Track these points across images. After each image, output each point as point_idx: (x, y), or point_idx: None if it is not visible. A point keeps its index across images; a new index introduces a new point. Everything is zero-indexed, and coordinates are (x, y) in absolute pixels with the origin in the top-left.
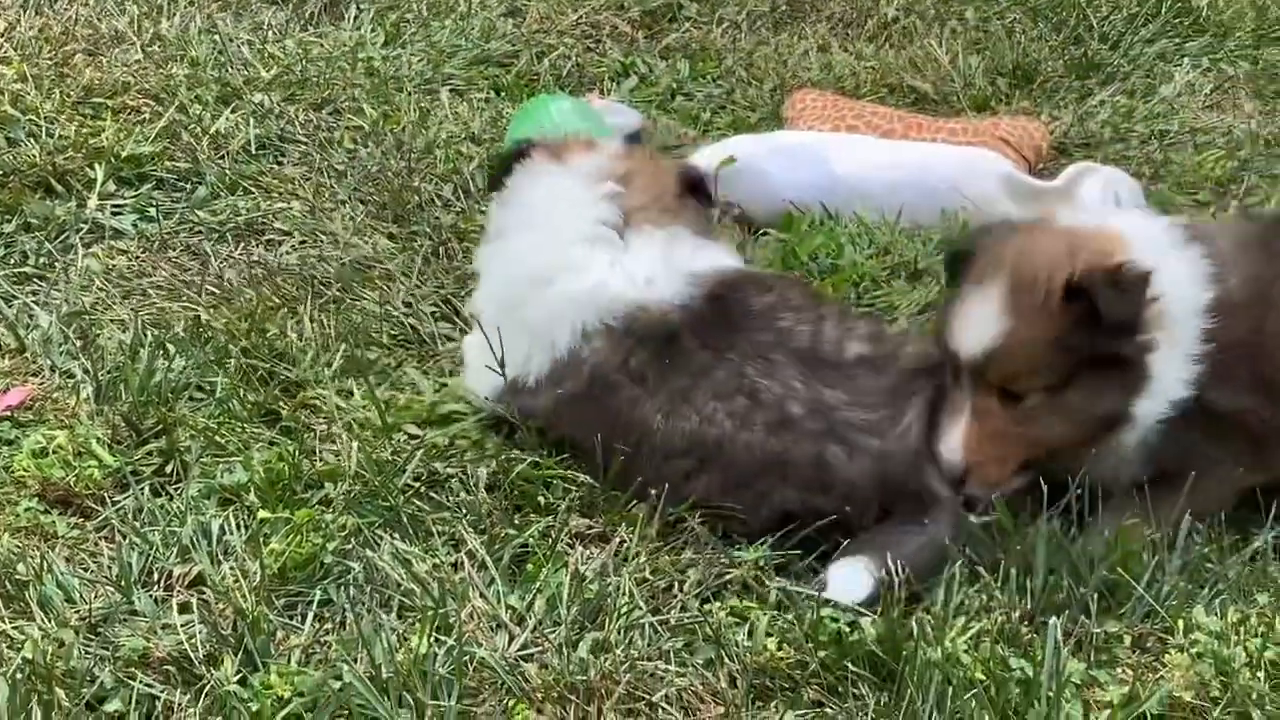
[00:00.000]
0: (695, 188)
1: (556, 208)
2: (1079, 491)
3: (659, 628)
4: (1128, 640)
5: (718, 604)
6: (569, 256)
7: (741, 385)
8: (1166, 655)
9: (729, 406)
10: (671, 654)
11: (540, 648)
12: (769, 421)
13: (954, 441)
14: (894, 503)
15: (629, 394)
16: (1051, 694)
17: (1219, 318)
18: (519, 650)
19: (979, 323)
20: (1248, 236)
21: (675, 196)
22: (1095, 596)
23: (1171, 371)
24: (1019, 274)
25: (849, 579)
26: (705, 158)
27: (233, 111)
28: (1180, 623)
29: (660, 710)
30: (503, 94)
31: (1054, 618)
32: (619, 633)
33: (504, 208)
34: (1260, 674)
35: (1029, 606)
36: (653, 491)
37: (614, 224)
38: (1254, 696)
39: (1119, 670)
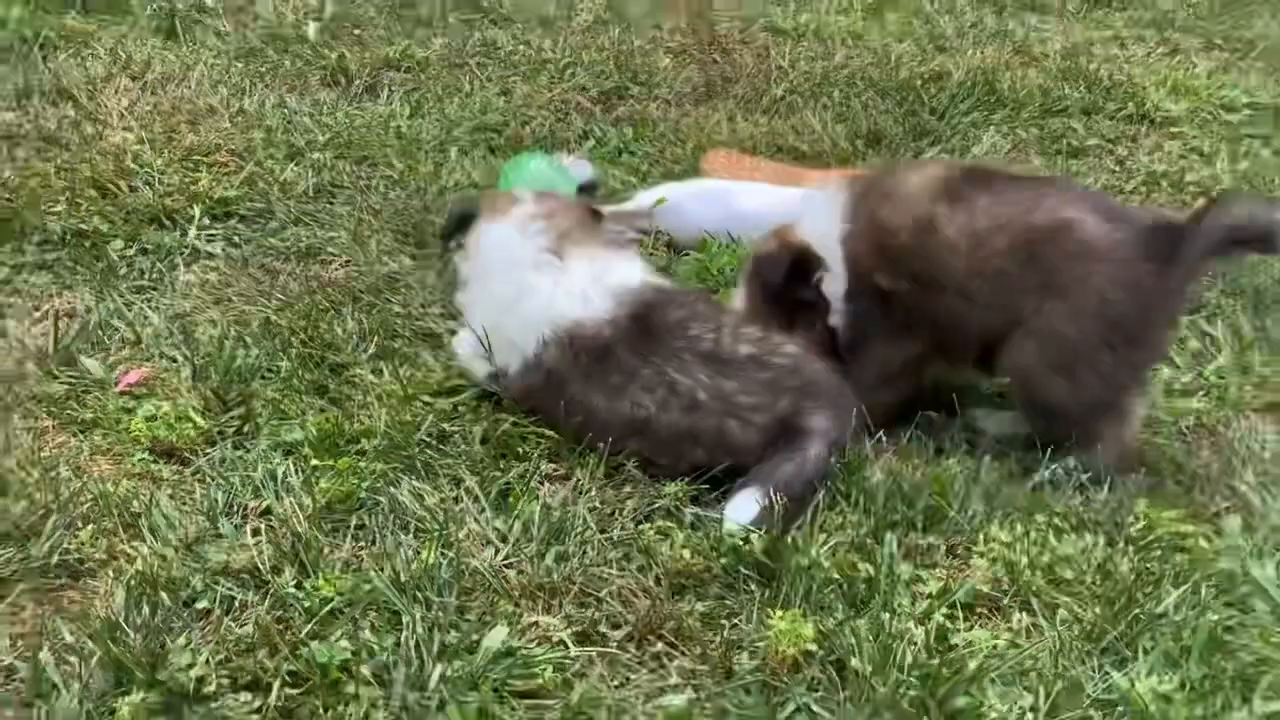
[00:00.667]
0: (596, 214)
1: (508, 249)
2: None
3: (605, 543)
4: (943, 549)
5: (648, 525)
6: (526, 283)
7: (662, 380)
8: (971, 560)
9: (653, 396)
10: (614, 562)
11: (518, 558)
12: (683, 406)
13: None
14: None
15: (578, 388)
16: (888, 588)
17: (858, 241)
18: (502, 560)
19: (735, 302)
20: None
21: (585, 221)
22: (920, 517)
23: (837, 288)
24: (745, 267)
25: (742, 506)
26: (644, 198)
27: (297, 165)
28: (981, 536)
29: (605, 603)
30: (496, 152)
31: (890, 533)
32: (576, 547)
33: (468, 260)
34: (1038, 573)
35: (873, 525)
36: (600, 445)
37: (552, 249)
38: (1034, 589)
39: (937, 570)
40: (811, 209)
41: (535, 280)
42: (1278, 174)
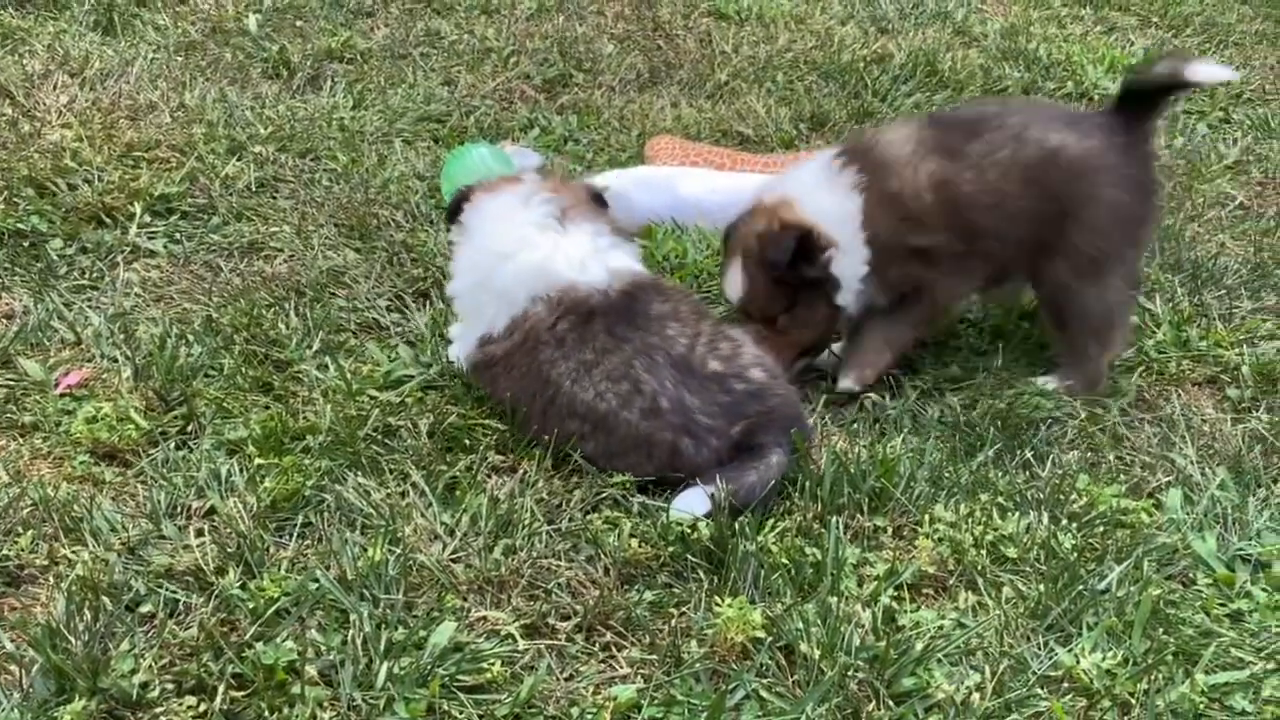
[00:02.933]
0: (599, 199)
1: (510, 212)
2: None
3: (553, 534)
4: (889, 530)
5: (596, 515)
6: (525, 236)
7: (628, 374)
8: (917, 540)
9: (616, 389)
10: (562, 553)
11: (465, 552)
12: (644, 408)
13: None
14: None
15: (549, 355)
16: (835, 572)
17: (878, 211)
18: (450, 555)
19: (732, 284)
20: (930, 145)
21: (588, 202)
22: (866, 499)
23: (852, 267)
24: (744, 249)
25: (693, 500)
26: None
27: (239, 160)
28: (926, 516)
29: (554, 595)
30: (440, 143)
31: (837, 516)
32: (524, 539)
33: (463, 230)
34: (983, 552)
35: (819, 509)
36: (545, 438)
37: (556, 216)
38: (978, 568)
39: (883, 552)
40: (810, 186)
41: (537, 237)
42: (1213, 150)
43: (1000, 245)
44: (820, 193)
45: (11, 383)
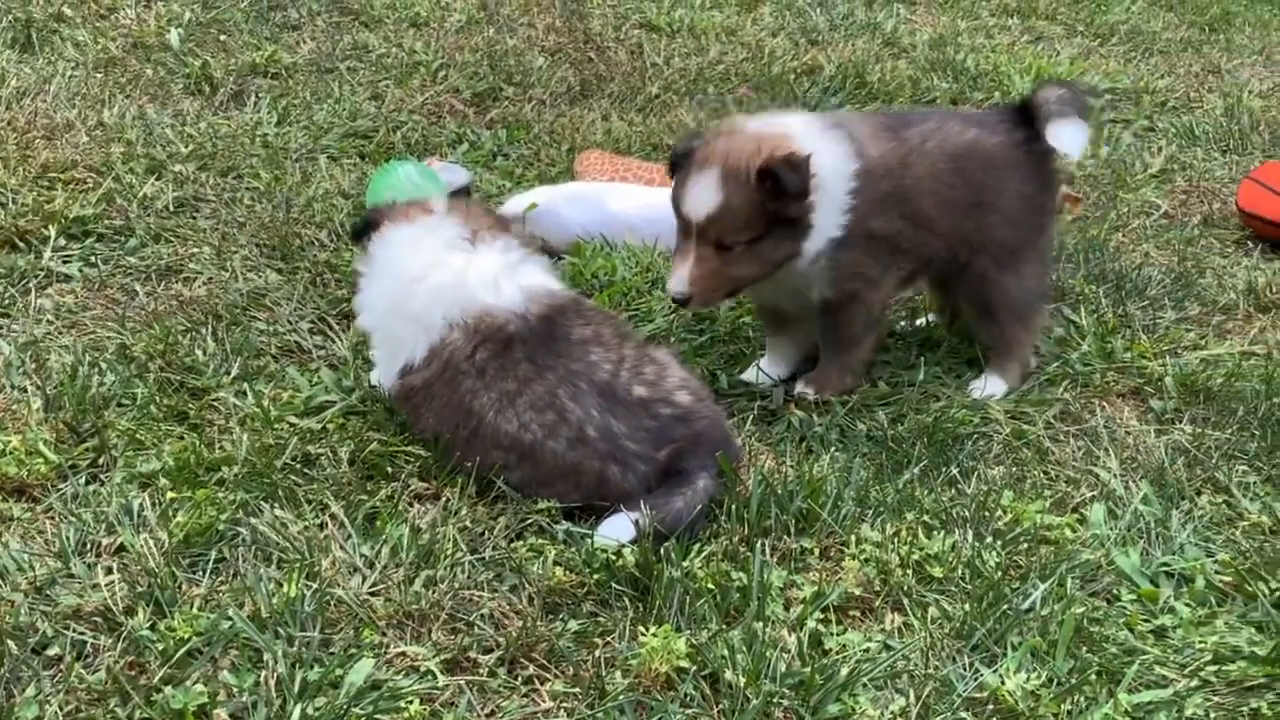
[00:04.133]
0: (505, 224)
1: (417, 240)
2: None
3: (476, 564)
4: (816, 552)
5: (520, 543)
6: (435, 257)
7: (553, 403)
8: (844, 561)
9: (541, 419)
10: (485, 583)
11: (385, 585)
12: (570, 437)
13: (682, 276)
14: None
15: (470, 385)
16: (760, 596)
17: (864, 180)
18: (369, 588)
19: (701, 197)
20: (877, 126)
21: (496, 225)
22: (793, 521)
23: (827, 220)
24: (727, 163)
25: (618, 526)
26: (516, 204)
27: (158, 179)
28: (853, 537)
29: (476, 627)
30: (366, 159)
31: (763, 539)
32: (446, 569)
33: (369, 260)
34: (909, 572)
35: (746, 532)
36: (467, 464)
37: (465, 236)
38: (904, 589)
39: (810, 574)
40: (805, 135)
41: (447, 257)
42: (1138, 158)
43: (934, 237)
44: (817, 143)
45: None
